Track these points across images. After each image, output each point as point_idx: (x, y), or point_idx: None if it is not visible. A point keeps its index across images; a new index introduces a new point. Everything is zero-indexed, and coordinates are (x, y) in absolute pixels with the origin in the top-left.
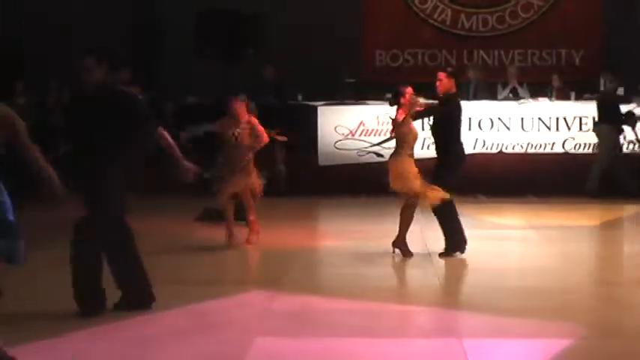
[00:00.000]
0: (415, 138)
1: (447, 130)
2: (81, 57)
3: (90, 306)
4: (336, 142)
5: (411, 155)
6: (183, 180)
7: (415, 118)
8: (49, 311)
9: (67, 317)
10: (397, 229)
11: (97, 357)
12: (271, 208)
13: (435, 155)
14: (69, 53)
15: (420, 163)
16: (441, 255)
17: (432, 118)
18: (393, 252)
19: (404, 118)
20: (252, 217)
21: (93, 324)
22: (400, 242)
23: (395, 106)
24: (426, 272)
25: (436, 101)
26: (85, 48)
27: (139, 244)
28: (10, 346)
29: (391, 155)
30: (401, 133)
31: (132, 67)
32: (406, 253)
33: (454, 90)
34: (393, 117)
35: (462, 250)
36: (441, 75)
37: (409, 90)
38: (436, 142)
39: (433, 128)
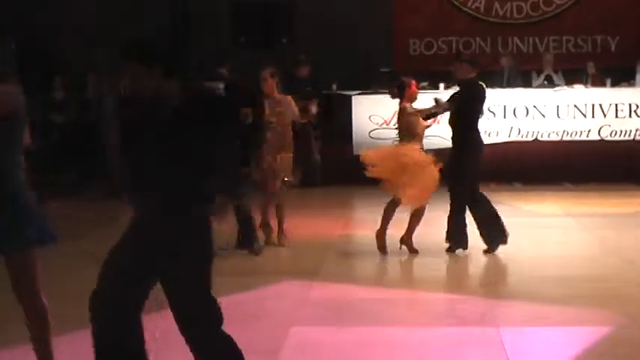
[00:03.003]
0: (423, 129)
1: (465, 116)
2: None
3: None
4: (371, 131)
5: (421, 147)
6: None
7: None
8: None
9: None
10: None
11: None
12: (306, 198)
13: (452, 143)
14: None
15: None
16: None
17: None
18: (400, 248)
19: (411, 108)
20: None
21: None
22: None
23: (397, 99)
24: (462, 260)
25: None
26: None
27: None
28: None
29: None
30: (408, 123)
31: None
32: (412, 250)
33: (473, 75)
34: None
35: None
36: (455, 63)
37: (414, 82)
38: (454, 130)
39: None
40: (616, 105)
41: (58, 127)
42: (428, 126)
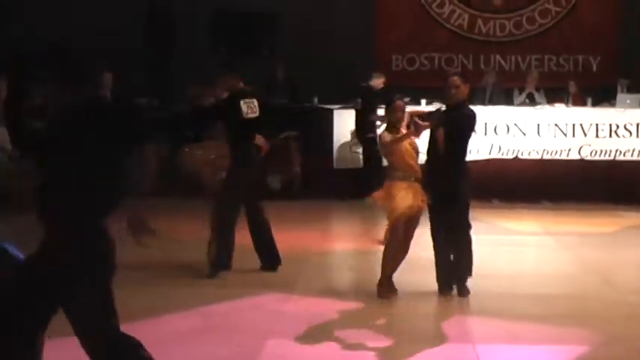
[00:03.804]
0: (407, 158)
1: (462, 142)
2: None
3: None
4: (352, 145)
5: (404, 177)
6: None
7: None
8: None
9: None
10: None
11: None
12: (286, 211)
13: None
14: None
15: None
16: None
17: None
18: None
19: (389, 139)
20: None
21: None
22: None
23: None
24: None
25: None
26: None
27: (154, 243)
28: None
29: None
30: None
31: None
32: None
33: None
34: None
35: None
36: (457, 80)
37: (400, 105)
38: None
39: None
40: (597, 125)
41: (38, 132)
42: (393, 140)
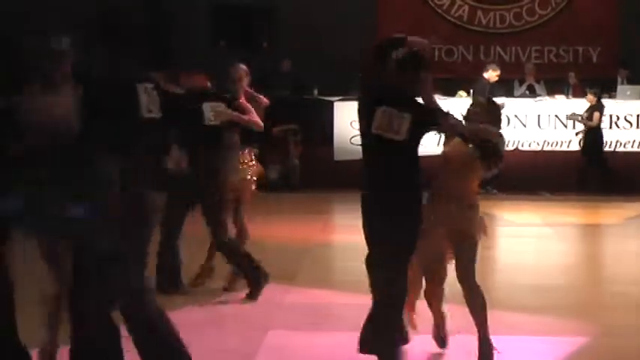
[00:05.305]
0: None
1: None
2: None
3: None
4: (352, 137)
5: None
6: None
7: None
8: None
9: None
10: None
11: None
12: (285, 202)
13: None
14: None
15: None
16: None
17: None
18: None
19: None
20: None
21: None
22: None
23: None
24: None
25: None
26: None
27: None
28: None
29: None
30: None
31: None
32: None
33: None
34: None
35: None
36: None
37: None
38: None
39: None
40: None
41: None
42: None
